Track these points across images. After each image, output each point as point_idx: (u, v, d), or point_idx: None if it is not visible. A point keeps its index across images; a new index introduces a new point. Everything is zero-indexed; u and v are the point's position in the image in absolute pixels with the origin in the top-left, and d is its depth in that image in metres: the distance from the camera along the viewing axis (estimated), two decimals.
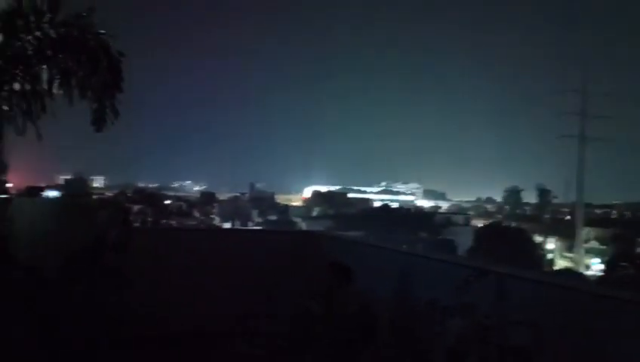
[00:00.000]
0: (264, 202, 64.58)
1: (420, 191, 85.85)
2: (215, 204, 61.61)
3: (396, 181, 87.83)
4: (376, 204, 67.37)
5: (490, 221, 53.69)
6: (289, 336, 4.90)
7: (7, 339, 5.43)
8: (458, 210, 71.15)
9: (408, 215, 58.72)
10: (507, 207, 65.52)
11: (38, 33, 3.98)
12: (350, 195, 73.03)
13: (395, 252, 6.82)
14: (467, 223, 57.97)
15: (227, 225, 52.31)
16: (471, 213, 69.16)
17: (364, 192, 79.75)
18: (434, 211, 68.81)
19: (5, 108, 4.10)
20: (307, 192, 77.22)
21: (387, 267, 6.23)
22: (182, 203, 59.38)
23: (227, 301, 7.40)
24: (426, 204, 77.80)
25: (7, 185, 7.03)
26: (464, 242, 41.95)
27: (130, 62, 4.54)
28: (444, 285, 5.12)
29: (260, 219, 58.68)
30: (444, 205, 77.73)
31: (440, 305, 4.92)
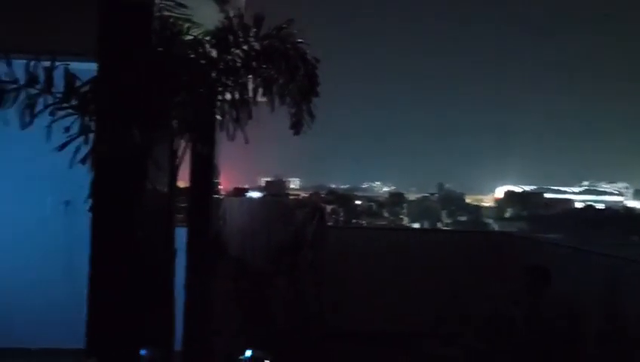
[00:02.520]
0: (453, 202, 63.15)
1: (630, 191, 77.33)
2: (404, 205, 61.73)
3: (600, 180, 79.89)
4: (578, 205, 62.22)
5: None
6: (486, 339, 4.75)
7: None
8: None
9: (616, 217, 53.35)
10: None
11: (245, 47, 4.34)
12: (547, 195, 68.35)
13: (600, 255, 6.25)
14: None
15: (416, 226, 52.03)
16: None
17: (564, 192, 74.05)
18: None
19: (218, 116, 4.52)
20: (499, 192, 73.80)
21: (591, 271, 5.75)
22: (372, 203, 60.46)
23: (419, 301, 7.39)
24: (638, 205, 69.83)
25: (219, 186, 7.77)
26: None
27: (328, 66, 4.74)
28: None
29: (449, 220, 57.48)
30: None
31: None
